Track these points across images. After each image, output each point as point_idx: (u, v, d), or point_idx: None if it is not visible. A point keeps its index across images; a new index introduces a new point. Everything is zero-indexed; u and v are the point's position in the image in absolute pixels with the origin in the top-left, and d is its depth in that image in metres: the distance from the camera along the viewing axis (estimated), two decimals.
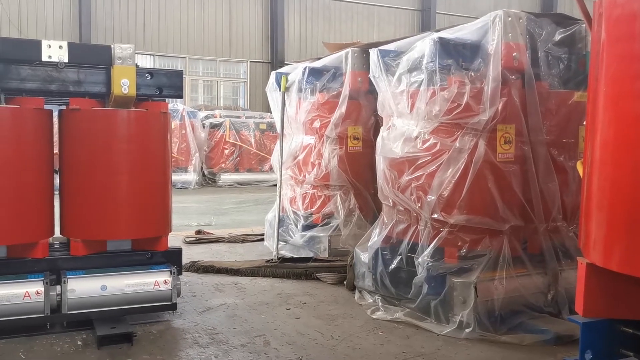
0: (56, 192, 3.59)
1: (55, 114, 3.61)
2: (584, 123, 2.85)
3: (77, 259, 3.52)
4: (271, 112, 6.49)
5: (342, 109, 5.13)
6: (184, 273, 4.40)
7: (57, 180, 3.60)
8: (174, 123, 13.19)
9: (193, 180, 13.50)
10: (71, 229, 3.58)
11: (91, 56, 3.52)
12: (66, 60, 3.38)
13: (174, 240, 5.34)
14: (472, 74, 3.56)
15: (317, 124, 5.37)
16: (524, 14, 3.55)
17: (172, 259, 3.74)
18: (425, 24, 21.04)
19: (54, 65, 3.37)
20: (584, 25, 3.58)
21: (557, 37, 3.68)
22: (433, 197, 3.62)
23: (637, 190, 1.91)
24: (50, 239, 3.60)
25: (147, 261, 3.68)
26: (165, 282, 3.56)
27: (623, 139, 1.97)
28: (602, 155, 2.07)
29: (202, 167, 14.11)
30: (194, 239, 6.52)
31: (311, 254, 5.29)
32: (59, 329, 3.43)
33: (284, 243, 5.68)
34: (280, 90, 5.73)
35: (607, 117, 2.05)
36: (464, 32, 3.67)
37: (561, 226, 3.74)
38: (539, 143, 3.61)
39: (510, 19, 3.45)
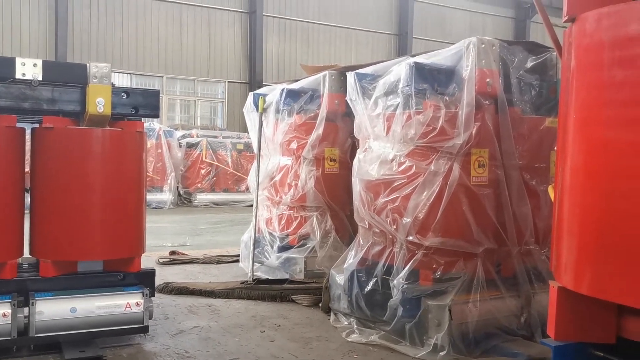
0: (27, 212, 3.52)
1: (28, 132, 3.55)
2: (555, 148, 2.91)
3: (47, 280, 3.45)
4: (248, 133, 6.49)
5: (319, 130, 5.15)
6: (157, 295, 4.33)
7: (28, 200, 3.53)
8: (150, 142, 13.09)
9: (168, 199, 13.37)
10: (41, 249, 3.51)
11: (66, 74, 3.49)
12: (40, 78, 3.35)
13: (147, 261, 5.26)
14: (447, 98, 3.62)
15: (294, 145, 5.38)
16: (497, 41, 3.63)
17: (144, 281, 3.68)
18: (402, 48, 21.34)
19: (28, 83, 3.33)
20: (555, 53, 3.67)
21: (529, 64, 3.76)
22: (408, 220, 3.64)
23: (606, 216, 1.95)
24: (20, 260, 3.52)
25: (119, 282, 3.62)
26: (137, 304, 3.50)
27: (592, 165, 2.01)
28: (572, 181, 2.11)
29: (177, 187, 14.00)
30: (167, 259, 6.43)
31: (287, 276, 5.25)
32: (26, 352, 3.34)
33: (260, 264, 5.64)
34: (257, 111, 5.75)
35: (577, 143, 2.10)
36: (439, 57, 3.73)
37: (534, 249, 3.78)
38: (512, 167, 3.67)
39: (483, 45, 3.52)
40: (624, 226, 1.90)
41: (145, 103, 3.65)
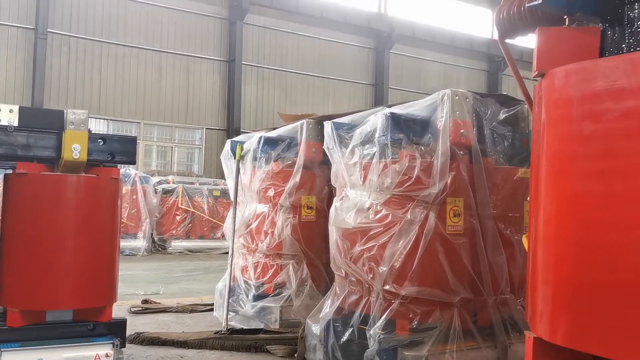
0: None
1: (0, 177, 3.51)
2: (528, 198, 2.96)
3: (14, 330, 3.33)
4: (225, 179, 6.48)
5: (296, 178, 5.17)
6: (127, 345, 4.20)
7: None
8: (126, 188, 12.96)
9: (142, 246, 13.15)
10: (8, 298, 3.40)
11: (42, 120, 3.47)
12: (16, 124, 3.32)
13: (118, 310, 5.14)
14: (423, 148, 3.68)
15: (271, 193, 5.38)
16: (471, 93, 3.73)
17: (115, 331, 3.58)
18: (379, 98, 21.76)
19: (3, 128, 3.30)
20: (526, 106, 3.78)
21: (502, 116, 3.86)
22: (385, 268, 3.63)
23: (578, 266, 1.98)
24: None
25: (88, 333, 3.51)
26: (107, 355, 3.40)
27: (563, 216, 2.05)
28: (545, 231, 2.14)
29: (152, 234, 13.79)
30: (140, 308, 6.28)
31: (262, 325, 5.16)
32: None
33: (234, 313, 5.54)
34: (235, 158, 5.76)
35: (549, 194, 2.14)
36: (414, 108, 3.82)
37: (509, 299, 3.79)
38: (486, 217, 3.71)
39: (457, 97, 3.61)
40: (595, 277, 1.92)
41: (122, 149, 3.64)
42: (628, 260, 1.84)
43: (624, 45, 2.09)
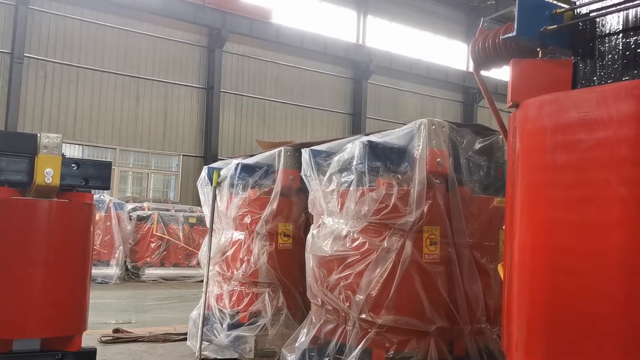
0: None
1: None
2: (504, 227, 2.99)
3: None
4: (202, 206, 6.42)
5: (273, 205, 5.15)
6: None
7: None
8: (99, 214, 12.75)
9: (115, 274, 12.88)
10: None
11: (15, 144, 3.41)
12: None
13: (88, 339, 5.00)
14: (400, 176, 3.70)
15: (247, 220, 5.34)
16: (447, 123, 3.78)
17: None
18: (356, 127, 21.94)
19: None
20: (501, 136, 3.84)
21: (477, 145, 3.92)
22: (361, 297, 3.61)
23: (553, 294, 1.99)
24: None
25: None
26: None
27: (538, 244, 2.07)
28: (520, 259, 2.16)
29: (125, 261, 13.53)
30: (111, 338, 6.12)
31: (236, 355, 5.07)
32: None
33: (208, 343, 5.43)
34: (211, 184, 5.72)
35: (524, 222, 2.16)
36: (391, 136, 3.85)
37: (485, 328, 3.79)
38: (462, 245, 3.73)
39: (434, 127, 3.66)
40: (570, 304, 1.93)
41: (96, 174, 3.58)
42: (602, 288, 1.86)
43: (595, 78, 2.14)
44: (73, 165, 3.49)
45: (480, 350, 3.72)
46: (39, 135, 3.41)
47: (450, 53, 25.02)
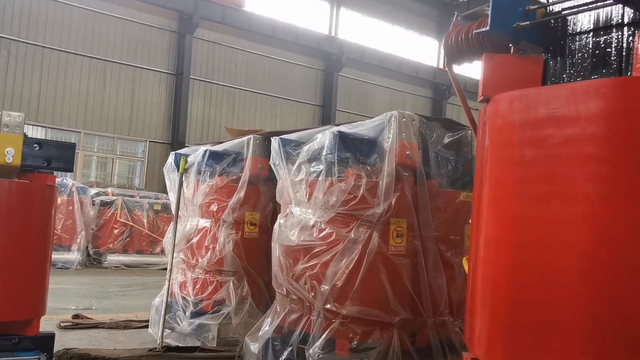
0: None
1: None
2: (470, 221, 3.03)
3: None
4: (167, 193, 6.33)
5: (240, 194, 5.11)
6: None
7: None
8: (61, 198, 12.46)
9: (76, 260, 12.62)
10: None
11: None
12: None
13: (47, 324, 4.89)
14: (369, 168, 3.71)
15: (214, 208, 5.28)
16: (417, 116, 3.80)
17: (42, 346, 3.38)
18: (326, 119, 21.95)
19: None
20: (470, 131, 3.88)
21: (446, 140, 3.95)
22: (327, 287, 3.61)
23: (515, 289, 2.01)
24: None
25: (12, 347, 3.30)
26: None
27: (503, 238, 2.09)
28: (485, 253, 2.18)
29: (87, 247, 13.28)
30: (70, 323, 6.00)
31: (198, 343, 5.02)
32: None
33: (170, 330, 5.37)
34: (178, 171, 5.64)
35: (490, 217, 2.18)
36: (362, 128, 3.85)
37: (448, 321, 3.83)
38: (428, 238, 3.76)
39: (404, 119, 3.67)
40: (532, 298, 1.96)
41: (59, 155, 3.48)
42: (563, 282, 1.89)
43: (564, 75, 2.17)
44: (35, 145, 3.39)
45: (442, 342, 3.76)
46: None
47: (422, 49, 25.21)
